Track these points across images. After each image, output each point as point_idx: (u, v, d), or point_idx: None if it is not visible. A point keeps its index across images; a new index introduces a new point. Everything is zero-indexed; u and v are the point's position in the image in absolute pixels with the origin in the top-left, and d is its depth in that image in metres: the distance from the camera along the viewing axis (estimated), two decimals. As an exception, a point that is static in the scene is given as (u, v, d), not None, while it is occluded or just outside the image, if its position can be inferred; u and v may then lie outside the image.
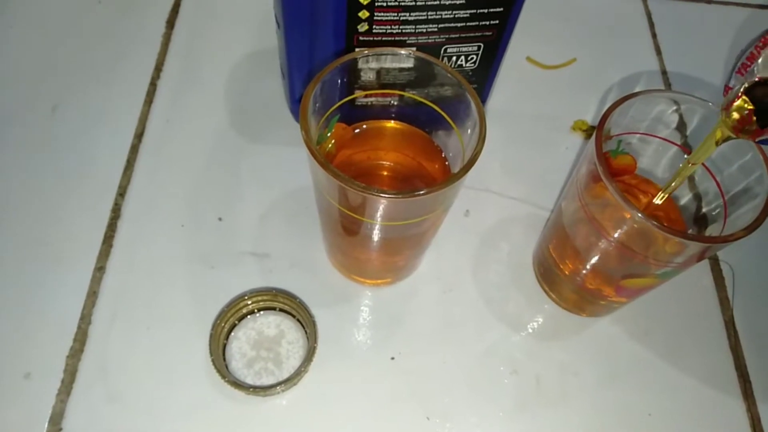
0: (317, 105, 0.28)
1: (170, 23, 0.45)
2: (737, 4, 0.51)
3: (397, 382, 0.33)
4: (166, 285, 0.35)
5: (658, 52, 0.47)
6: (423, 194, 0.26)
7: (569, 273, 0.33)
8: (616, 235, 0.28)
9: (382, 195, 0.25)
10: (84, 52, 0.43)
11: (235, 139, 0.40)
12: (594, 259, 0.31)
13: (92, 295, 0.34)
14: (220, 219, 0.37)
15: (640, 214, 0.25)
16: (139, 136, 0.40)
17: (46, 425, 0.31)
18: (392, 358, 0.34)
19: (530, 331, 0.35)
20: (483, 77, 0.36)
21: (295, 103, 0.38)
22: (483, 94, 0.38)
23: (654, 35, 0.48)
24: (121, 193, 0.38)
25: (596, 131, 0.27)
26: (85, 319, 0.33)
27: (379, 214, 0.27)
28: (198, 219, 0.37)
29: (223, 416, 0.31)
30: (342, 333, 0.34)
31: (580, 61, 0.46)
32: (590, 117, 0.43)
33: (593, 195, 0.29)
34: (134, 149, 0.39)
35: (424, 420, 0.32)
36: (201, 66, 0.43)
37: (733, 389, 0.34)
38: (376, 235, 0.30)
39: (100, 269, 0.35)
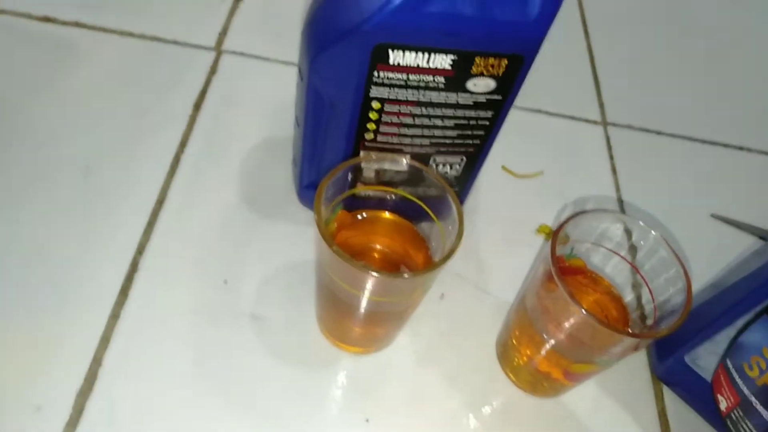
0: (327, 195, 0.33)
1: (197, 106, 0.51)
2: (684, 138, 0.60)
3: (369, 441, 0.37)
4: (171, 337, 0.39)
5: (614, 171, 0.55)
6: (407, 278, 0.31)
7: (525, 356, 0.39)
8: (565, 325, 0.34)
9: (374, 274, 0.31)
10: (119, 122, 0.49)
11: (245, 213, 0.46)
12: (546, 346, 0.36)
13: (105, 340, 0.38)
14: (225, 282, 0.42)
15: (583, 310, 0.31)
16: (160, 201, 0.45)
17: (51, 454, 0.34)
18: (366, 420, 0.38)
19: (489, 405, 0.40)
20: (463, 182, 0.43)
21: (304, 189, 0.44)
22: (462, 195, 0.45)
23: (611, 157, 0.56)
24: (140, 250, 0.42)
25: (552, 239, 0.34)
26: (96, 362, 0.37)
27: (369, 289, 0.33)
28: (206, 279, 0.42)
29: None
30: (323, 393, 0.39)
31: (547, 173, 0.53)
32: (552, 222, 0.50)
33: (548, 291, 0.34)
34: (155, 213, 0.44)
35: (391, 477, 0.36)
36: (220, 147, 0.49)
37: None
38: (363, 307, 0.35)
39: (114, 317, 0.39)
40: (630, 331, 0.35)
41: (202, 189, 0.47)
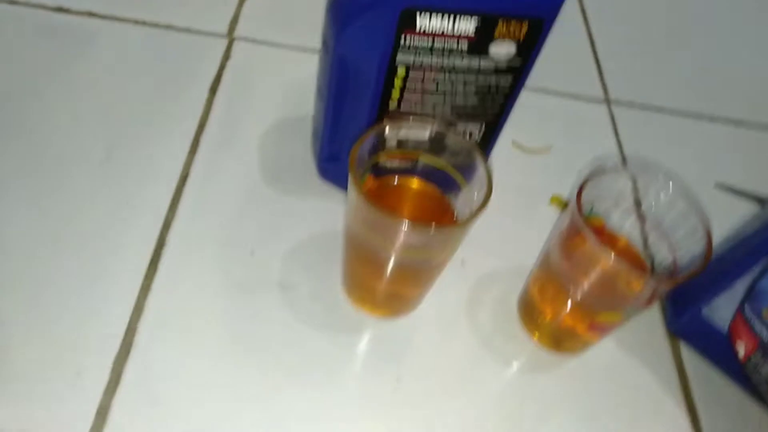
0: (360, 157, 0.35)
1: (213, 90, 0.52)
2: (685, 114, 0.62)
3: (400, 400, 0.38)
4: (202, 306, 0.40)
5: (620, 146, 0.57)
6: (440, 230, 0.33)
7: (549, 314, 0.40)
8: (592, 275, 0.35)
9: (408, 224, 0.32)
10: (136, 108, 0.50)
11: (266, 189, 0.47)
12: (571, 300, 0.37)
13: (138, 309, 0.39)
14: (252, 253, 0.43)
15: (612, 255, 0.32)
16: (183, 180, 0.46)
17: (93, 417, 0.35)
18: (397, 380, 0.39)
19: (514, 364, 0.41)
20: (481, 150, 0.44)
21: (325, 162, 0.45)
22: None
23: (616, 133, 0.58)
24: (166, 226, 0.43)
25: (577, 194, 0.35)
26: (131, 329, 0.38)
27: (402, 243, 0.34)
28: (232, 252, 0.43)
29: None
30: (354, 355, 0.40)
31: (556, 149, 0.55)
32: (564, 193, 0.51)
33: (573, 245, 0.36)
34: (179, 191, 0.45)
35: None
36: (238, 128, 0.50)
37: (683, 422, 0.41)
38: (393, 265, 0.36)
39: (146, 288, 0.40)
40: (657, 274, 0.37)
41: (222, 168, 0.47)
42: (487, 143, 0.44)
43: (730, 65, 0.68)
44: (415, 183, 0.40)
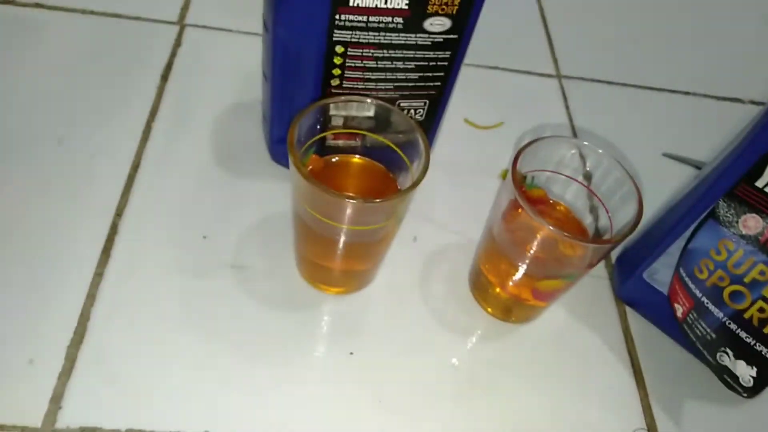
0: (300, 134, 0.35)
1: (164, 77, 0.52)
2: (634, 86, 0.63)
3: (354, 372, 0.39)
4: (156, 290, 0.40)
5: (570, 119, 0.58)
6: (379, 202, 0.33)
7: (496, 283, 0.41)
8: (530, 243, 0.36)
9: (349, 199, 0.32)
10: (88, 96, 0.50)
11: (219, 174, 0.47)
12: (514, 268, 0.38)
13: (91, 297, 0.39)
14: (204, 237, 0.43)
15: (547, 225, 0.33)
16: (135, 167, 0.46)
17: (47, 404, 0.35)
18: (351, 353, 0.40)
19: (465, 335, 0.42)
20: (428, 128, 0.45)
21: (275, 144, 0.45)
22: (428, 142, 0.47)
23: (567, 107, 0.59)
24: (119, 213, 0.43)
25: (512, 162, 0.36)
26: (84, 316, 0.39)
27: (345, 218, 0.35)
28: (185, 236, 0.43)
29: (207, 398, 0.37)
30: (308, 331, 0.40)
31: (508, 124, 0.56)
32: (516, 168, 0.52)
33: (513, 214, 0.37)
34: (130, 178, 0.45)
35: (377, 403, 0.38)
36: (190, 114, 0.50)
37: (628, 382, 0.42)
38: (341, 241, 0.37)
39: (98, 275, 0.40)
40: (591, 238, 0.38)
41: (175, 154, 0.48)
42: (432, 122, 0.44)
43: (680, 41, 0.70)
44: (360, 162, 0.41)
